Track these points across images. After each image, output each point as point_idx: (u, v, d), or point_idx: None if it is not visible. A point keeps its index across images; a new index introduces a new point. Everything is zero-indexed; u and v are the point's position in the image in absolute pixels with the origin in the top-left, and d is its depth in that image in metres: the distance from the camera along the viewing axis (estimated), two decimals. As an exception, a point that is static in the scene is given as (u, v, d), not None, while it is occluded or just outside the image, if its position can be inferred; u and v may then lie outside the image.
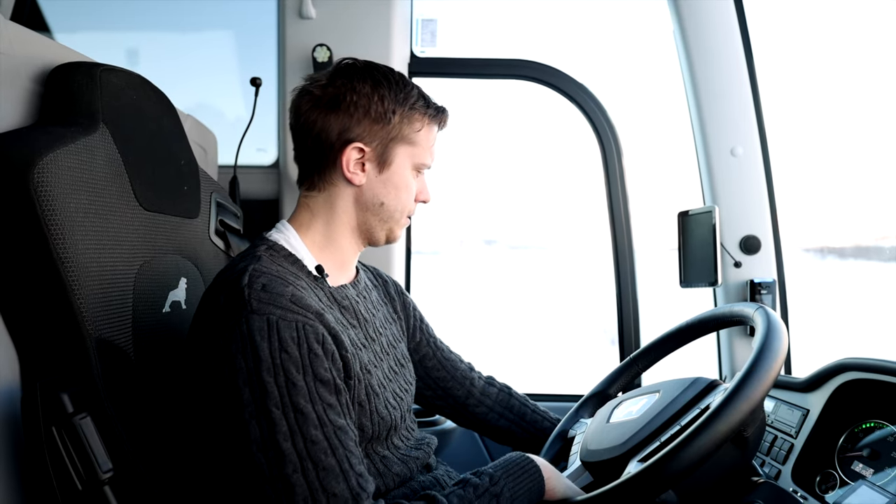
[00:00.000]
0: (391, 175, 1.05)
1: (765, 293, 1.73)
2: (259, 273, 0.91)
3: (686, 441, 0.84)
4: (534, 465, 0.97)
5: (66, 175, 0.91)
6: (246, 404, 0.83)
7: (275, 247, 1.00)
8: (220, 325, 0.87)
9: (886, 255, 3.57)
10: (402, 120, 1.03)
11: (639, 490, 0.85)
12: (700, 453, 0.83)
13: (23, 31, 0.99)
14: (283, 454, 0.82)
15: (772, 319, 0.95)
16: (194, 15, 2.36)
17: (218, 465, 0.91)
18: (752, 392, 0.84)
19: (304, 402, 0.84)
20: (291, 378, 0.84)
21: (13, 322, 0.90)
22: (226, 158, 1.81)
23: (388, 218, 1.07)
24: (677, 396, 1.02)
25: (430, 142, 1.08)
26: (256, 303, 0.86)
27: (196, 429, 0.94)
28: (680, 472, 0.83)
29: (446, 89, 2.15)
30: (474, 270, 6.75)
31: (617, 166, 1.97)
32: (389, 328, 1.17)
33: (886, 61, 2.89)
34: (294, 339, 0.86)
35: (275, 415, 0.82)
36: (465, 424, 1.36)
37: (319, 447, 0.83)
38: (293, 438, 0.82)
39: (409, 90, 1.05)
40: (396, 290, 1.29)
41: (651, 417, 1.01)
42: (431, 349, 1.31)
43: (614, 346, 2.01)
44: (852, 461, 1.15)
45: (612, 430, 1.06)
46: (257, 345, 0.84)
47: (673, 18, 1.77)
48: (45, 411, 0.85)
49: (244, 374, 0.83)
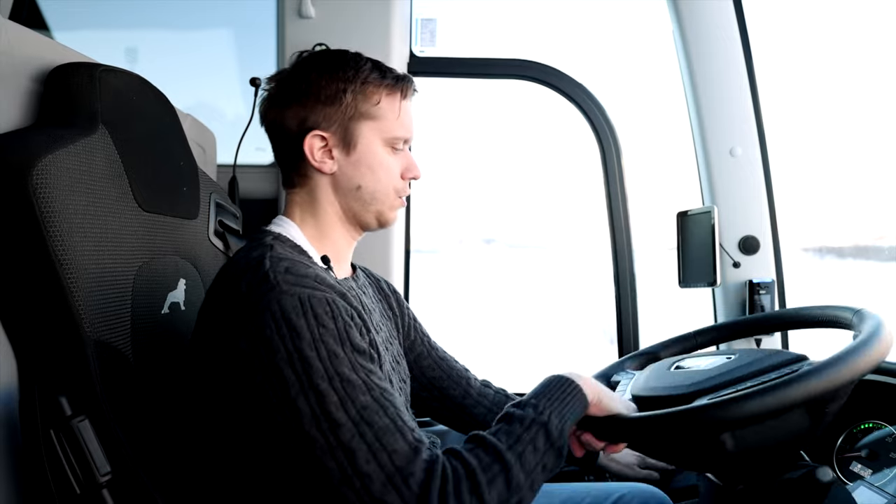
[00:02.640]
0: (361, 156, 1.02)
1: (764, 293, 1.73)
2: (279, 258, 0.91)
3: (770, 388, 0.79)
4: (576, 386, 0.94)
5: (65, 176, 0.91)
6: (290, 383, 0.82)
7: (280, 237, 1.00)
8: (247, 312, 0.86)
9: (885, 255, 3.57)
10: (355, 97, 1.00)
11: (704, 421, 0.81)
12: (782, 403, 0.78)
13: (21, 31, 0.98)
14: (339, 423, 0.81)
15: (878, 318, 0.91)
16: (193, 14, 2.35)
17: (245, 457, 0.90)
18: (856, 364, 0.80)
19: (349, 371, 0.84)
20: (332, 350, 0.84)
21: (11, 324, 0.90)
22: (225, 157, 1.81)
23: (370, 200, 1.04)
24: (758, 359, 0.97)
25: (395, 113, 1.03)
26: (285, 284, 0.86)
27: (211, 425, 0.93)
28: (753, 415, 0.79)
29: (446, 89, 2.15)
30: (473, 269, 6.74)
31: (616, 166, 1.97)
32: (386, 324, 1.17)
33: (886, 61, 2.89)
34: (328, 312, 0.86)
35: (322, 387, 0.82)
36: (464, 429, 1.33)
37: (371, 410, 0.83)
38: (345, 407, 0.82)
39: (360, 65, 1.02)
40: (390, 289, 1.28)
41: (726, 370, 0.95)
42: (426, 348, 1.30)
43: (613, 345, 2.01)
44: (851, 462, 1.15)
45: (677, 375, 1.00)
46: (294, 323, 0.84)
47: (672, 19, 1.77)
48: (43, 414, 0.85)
49: (283, 354, 0.83)
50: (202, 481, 0.96)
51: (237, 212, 1.49)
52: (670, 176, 2.39)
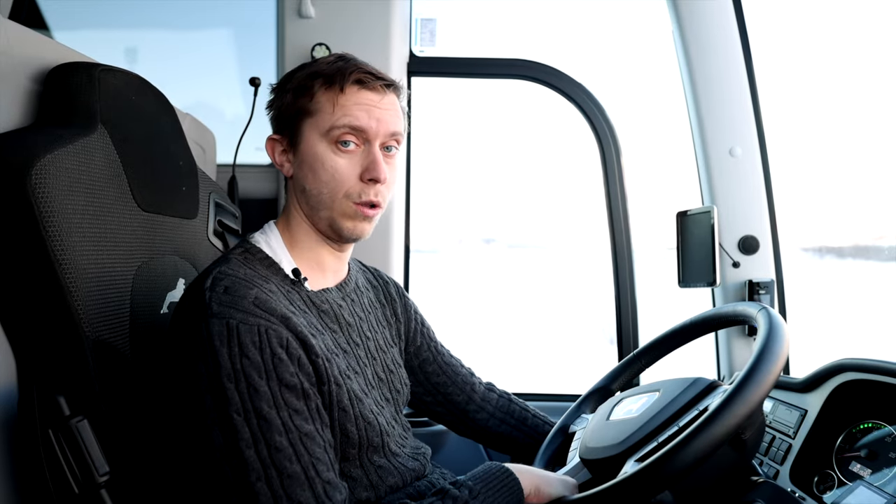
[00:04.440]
0: (303, 155, 0.98)
1: (763, 293, 1.73)
2: (223, 276, 0.89)
3: (683, 443, 0.83)
4: (513, 478, 0.95)
5: (64, 176, 0.91)
6: (208, 411, 0.82)
7: (251, 249, 0.99)
8: (184, 330, 0.86)
9: (885, 255, 3.57)
10: (295, 95, 0.98)
11: (635, 490, 0.84)
12: (696, 455, 0.82)
13: (21, 30, 0.98)
14: (246, 462, 0.80)
15: (774, 321, 0.94)
16: (193, 13, 2.35)
17: (191, 471, 0.90)
18: (751, 395, 0.84)
19: (268, 408, 0.82)
20: (253, 383, 0.82)
21: (10, 324, 0.89)
22: (224, 157, 1.81)
23: (317, 205, 0.98)
24: (677, 396, 1.01)
25: (331, 105, 0.96)
26: (217, 306, 0.85)
27: (171, 434, 0.94)
28: (676, 474, 0.83)
29: (445, 89, 2.15)
30: (473, 269, 6.75)
31: (616, 166, 1.97)
32: (380, 332, 1.14)
33: (885, 61, 2.89)
34: (255, 343, 0.83)
35: (236, 421, 0.80)
36: (465, 433, 1.33)
37: (284, 454, 0.81)
38: (256, 445, 0.80)
39: (310, 66, 1.00)
40: (398, 292, 1.25)
41: (650, 417, 1.00)
42: (432, 353, 1.28)
43: (612, 345, 2.01)
44: (850, 461, 1.15)
45: (610, 428, 1.05)
46: (216, 350, 0.82)
47: (672, 19, 1.77)
48: (42, 414, 0.85)
49: (205, 381, 0.82)
50: (182, 483, 0.96)
51: (236, 211, 1.49)
52: (670, 176, 2.39)
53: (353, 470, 0.95)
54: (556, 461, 1.18)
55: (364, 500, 0.96)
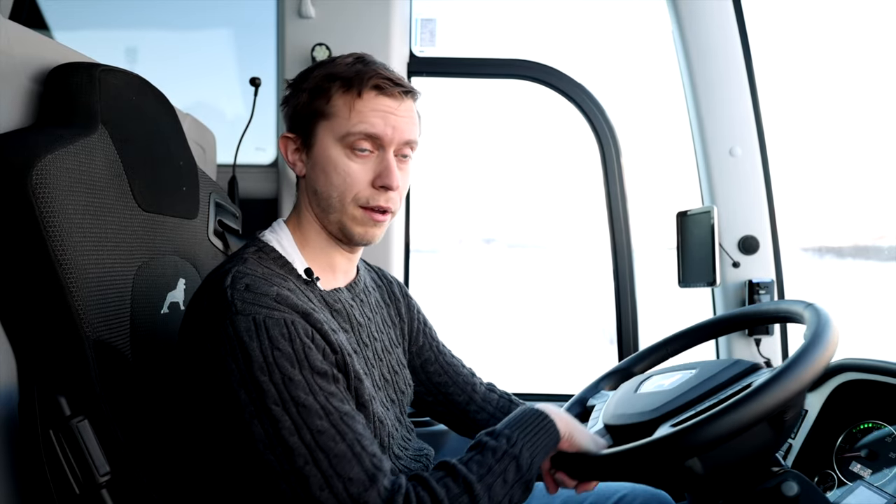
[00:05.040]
0: (317, 157, 0.98)
1: (763, 293, 1.73)
2: (242, 274, 0.89)
3: (726, 410, 0.81)
4: (549, 421, 0.94)
5: (64, 176, 0.91)
6: (244, 405, 0.82)
7: (264, 248, 0.99)
8: (207, 329, 0.86)
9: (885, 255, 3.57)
10: (311, 96, 0.97)
11: (667, 451, 0.83)
12: (737, 425, 0.81)
13: (21, 30, 0.98)
14: (292, 449, 0.81)
15: (824, 314, 0.93)
16: (194, 14, 2.36)
17: (225, 465, 0.90)
18: (802, 374, 0.82)
19: (305, 395, 0.83)
20: (287, 373, 0.83)
21: (11, 324, 0.89)
22: (225, 157, 1.81)
23: (327, 208, 0.98)
24: (717, 373, 0.99)
25: (348, 109, 0.95)
26: (241, 303, 0.85)
27: (196, 430, 0.93)
28: (713, 440, 0.81)
29: (445, 89, 2.15)
30: (473, 269, 6.75)
31: (616, 166, 1.97)
32: (386, 332, 1.15)
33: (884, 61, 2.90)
34: (284, 335, 0.84)
35: (276, 412, 0.81)
36: (466, 433, 1.32)
37: (327, 435, 0.82)
38: (299, 432, 0.81)
39: (335, 62, 0.98)
40: (402, 292, 1.26)
41: (687, 389, 0.97)
42: (434, 353, 1.28)
43: (612, 345, 2.01)
44: (850, 461, 1.15)
45: (641, 399, 1.02)
46: (246, 345, 0.83)
47: (672, 18, 1.77)
48: (43, 414, 0.85)
49: (237, 376, 0.82)
50: (196, 482, 0.96)
51: (237, 211, 1.49)
52: (670, 176, 2.39)
53: None
54: None
55: None
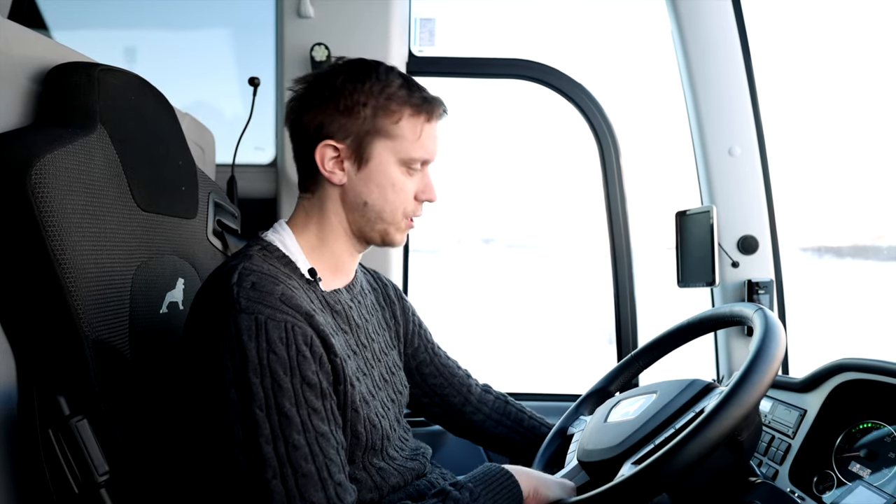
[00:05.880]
0: (371, 172, 0.99)
1: (762, 293, 1.73)
2: (249, 271, 0.90)
3: (679, 445, 0.83)
4: (513, 480, 0.96)
5: (63, 176, 0.91)
6: (231, 405, 0.82)
7: (269, 247, 0.99)
8: (209, 325, 0.87)
9: (884, 255, 3.57)
10: (375, 112, 0.97)
11: (632, 492, 0.85)
12: (693, 458, 0.83)
13: (20, 30, 0.98)
14: (264, 458, 0.81)
15: (770, 322, 0.94)
16: (192, 13, 2.35)
17: (204, 466, 0.90)
18: (746, 397, 0.84)
19: (290, 406, 0.83)
20: (278, 380, 0.83)
21: (10, 324, 0.89)
22: (224, 157, 1.81)
23: (375, 219, 1.01)
24: (673, 398, 1.01)
25: (416, 134, 1.00)
26: (245, 301, 0.85)
27: (186, 429, 0.94)
28: (673, 476, 0.83)
29: (445, 89, 2.15)
30: (472, 269, 6.75)
31: (615, 166, 1.97)
32: (382, 334, 1.15)
33: (884, 61, 2.90)
34: (282, 339, 0.84)
35: (258, 416, 0.81)
36: (462, 434, 1.34)
37: (300, 453, 0.82)
38: (275, 442, 0.81)
39: (388, 80, 0.99)
40: (396, 295, 1.26)
41: (647, 419, 1.00)
42: (429, 355, 1.29)
43: (612, 345, 2.01)
44: (849, 461, 1.15)
45: (608, 431, 1.05)
46: (244, 344, 0.83)
47: (671, 18, 1.77)
48: (42, 414, 0.85)
49: (230, 374, 0.83)
50: (192, 480, 0.96)
51: (236, 211, 1.49)
52: (669, 176, 2.39)
53: (357, 472, 0.96)
54: (554, 463, 1.18)
55: (368, 502, 0.96)
